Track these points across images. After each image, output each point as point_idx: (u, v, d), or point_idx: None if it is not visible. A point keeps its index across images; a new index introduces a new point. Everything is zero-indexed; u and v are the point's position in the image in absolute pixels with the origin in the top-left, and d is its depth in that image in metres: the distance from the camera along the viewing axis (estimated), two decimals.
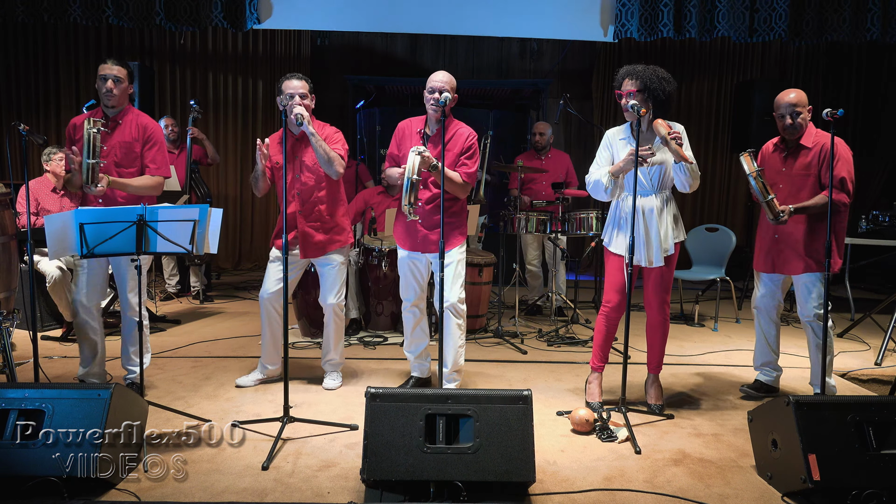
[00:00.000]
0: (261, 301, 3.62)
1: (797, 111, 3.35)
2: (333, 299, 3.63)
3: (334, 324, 3.69)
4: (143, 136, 3.41)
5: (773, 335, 3.66)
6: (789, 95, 3.38)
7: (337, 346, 3.73)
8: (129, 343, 3.53)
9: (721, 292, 5.54)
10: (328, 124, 3.62)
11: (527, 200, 5.48)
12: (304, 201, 3.52)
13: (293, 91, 3.38)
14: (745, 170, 3.34)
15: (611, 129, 3.49)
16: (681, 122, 3.39)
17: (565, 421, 3.21)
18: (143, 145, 3.41)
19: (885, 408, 2.50)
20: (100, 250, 2.91)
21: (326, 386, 3.69)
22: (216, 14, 5.68)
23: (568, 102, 5.21)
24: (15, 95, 7.29)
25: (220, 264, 7.65)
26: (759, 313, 3.67)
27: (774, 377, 3.70)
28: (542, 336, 4.92)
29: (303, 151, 3.50)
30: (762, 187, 3.28)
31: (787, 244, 3.45)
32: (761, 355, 3.70)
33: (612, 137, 3.43)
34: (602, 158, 3.41)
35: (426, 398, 2.50)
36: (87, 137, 3.09)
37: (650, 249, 3.27)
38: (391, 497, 2.43)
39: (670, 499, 2.49)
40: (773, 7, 5.82)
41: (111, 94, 3.30)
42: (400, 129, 3.57)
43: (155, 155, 3.45)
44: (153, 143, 3.44)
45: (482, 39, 7.97)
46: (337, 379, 3.74)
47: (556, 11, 6.03)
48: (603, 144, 3.44)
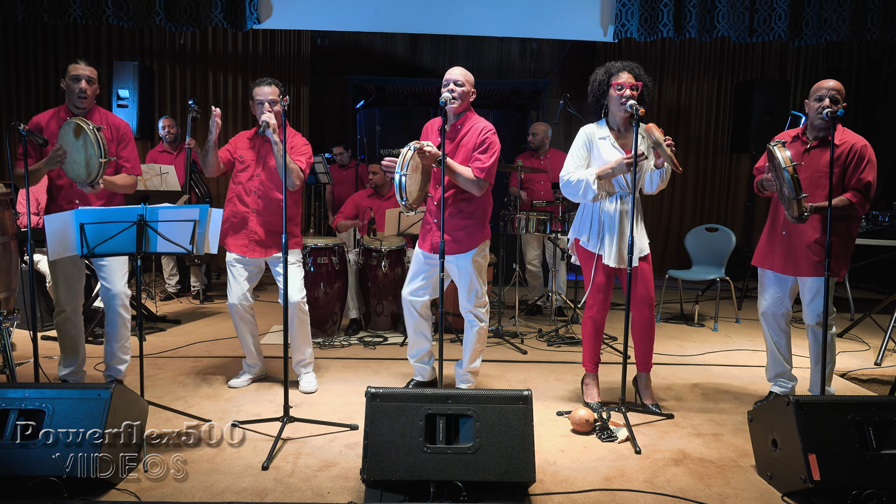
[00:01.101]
0: (230, 308, 3.60)
1: (837, 97, 3.10)
2: (295, 296, 3.50)
3: (298, 321, 3.58)
4: (116, 135, 3.41)
5: (783, 344, 3.45)
6: (830, 82, 3.15)
7: (303, 345, 3.64)
8: (115, 339, 3.45)
9: (721, 292, 5.54)
10: (299, 134, 3.64)
11: (525, 196, 5.47)
12: (262, 200, 3.52)
13: (262, 98, 3.39)
14: (778, 162, 2.98)
15: (586, 126, 3.36)
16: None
17: (565, 421, 3.21)
18: (117, 145, 3.41)
19: (885, 408, 2.50)
20: (100, 250, 2.90)
21: (303, 389, 3.61)
22: (216, 14, 5.68)
23: (568, 102, 5.22)
24: (15, 95, 7.29)
25: (220, 264, 7.63)
26: (766, 322, 3.47)
27: (790, 388, 3.47)
28: (542, 336, 4.92)
29: (268, 152, 3.51)
30: (796, 183, 2.94)
31: (797, 244, 3.24)
32: (774, 366, 3.50)
33: (590, 135, 3.30)
34: (579, 157, 3.30)
35: (426, 398, 2.50)
36: (94, 137, 3.08)
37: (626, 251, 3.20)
38: (391, 497, 2.43)
39: (670, 499, 2.49)
40: (773, 7, 5.82)
41: (84, 94, 3.28)
42: (425, 128, 3.49)
43: (129, 154, 3.47)
44: (126, 141, 3.46)
45: (482, 39, 7.98)
46: (313, 381, 3.66)
47: (556, 11, 6.03)
48: (580, 143, 3.31)
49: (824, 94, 3.14)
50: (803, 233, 3.23)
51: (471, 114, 3.38)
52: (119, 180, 3.39)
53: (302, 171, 3.46)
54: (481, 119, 3.38)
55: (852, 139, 3.17)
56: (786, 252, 3.30)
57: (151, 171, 5.34)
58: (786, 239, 3.30)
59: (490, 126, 3.33)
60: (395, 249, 4.81)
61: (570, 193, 3.28)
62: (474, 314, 3.45)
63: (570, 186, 3.26)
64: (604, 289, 3.35)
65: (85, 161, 3.13)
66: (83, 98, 3.29)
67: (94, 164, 3.11)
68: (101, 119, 3.38)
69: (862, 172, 3.12)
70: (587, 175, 3.21)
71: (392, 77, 7.85)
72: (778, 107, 6.38)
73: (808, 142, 3.26)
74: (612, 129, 3.31)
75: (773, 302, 3.42)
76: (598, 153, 3.28)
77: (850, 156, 3.14)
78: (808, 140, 3.27)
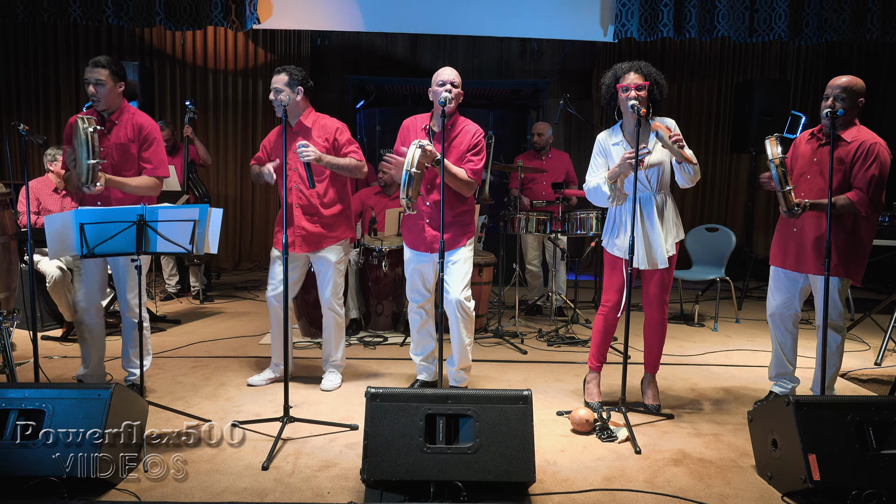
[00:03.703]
0: (269, 301, 3.62)
1: (842, 95, 3.09)
2: (330, 297, 3.58)
3: (334, 323, 3.66)
4: (139, 136, 3.37)
5: (789, 346, 3.44)
6: (839, 79, 3.14)
7: (338, 346, 3.71)
8: (130, 345, 3.51)
9: (721, 292, 5.54)
10: (328, 117, 3.56)
11: (526, 202, 5.48)
12: (301, 194, 3.51)
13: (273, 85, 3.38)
14: (767, 154, 3.07)
15: (601, 133, 3.41)
16: (681, 122, 3.38)
17: (565, 421, 3.21)
18: (139, 146, 3.38)
19: (885, 408, 2.50)
20: (100, 250, 2.90)
21: (324, 387, 3.65)
22: (216, 14, 5.68)
23: (568, 102, 5.21)
24: (15, 95, 7.29)
25: (220, 264, 7.65)
26: (773, 323, 3.45)
27: (790, 388, 3.49)
28: (542, 336, 4.92)
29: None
30: (781, 176, 3.02)
31: (807, 241, 3.23)
32: (777, 366, 3.50)
33: (604, 142, 3.36)
34: (597, 164, 3.36)
35: (426, 398, 2.50)
36: (85, 138, 3.04)
37: (651, 252, 3.24)
38: (391, 497, 2.43)
39: (670, 499, 2.49)
40: (773, 7, 5.82)
41: (95, 98, 3.28)
42: (405, 126, 3.51)
43: (151, 155, 3.40)
44: (150, 142, 3.40)
45: (482, 39, 7.97)
46: (335, 380, 3.70)
47: (556, 11, 6.03)
48: (596, 150, 3.38)
49: (829, 93, 3.15)
50: (812, 229, 3.21)
51: (458, 115, 3.44)
52: (133, 182, 3.33)
53: (358, 160, 3.47)
54: (469, 121, 3.46)
55: (864, 136, 3.14)
56: (797, 248, 3.29)
57: None
58: (797, 235, 3.29)
59: (481, 129, 3.44)
60: (396, 249, 4.81)
61: (594, 199, 3.35)
62: (464, 306, 3.37)
63: (590, 194, 3.34)
64: (619, 288, 3.34)
65: (80, 162, 3.10)
66: (95, 101, 3.29)
67: (82, 166, 3.08)
68: (129, 118, 3.36)
69: (866, 169, 3.07)
70: (599, 180, 3.26)
71: (392, 77, 7.85)
72: (778, 107, 6.38)
73: (821, 138, 3.26)
74: (625, 131, 3.31)
75: (783, 303, 3.40)
76: (611, 158, 3.31)
77: (858, 153, 3.11)
78: (822, 137, 3.25)
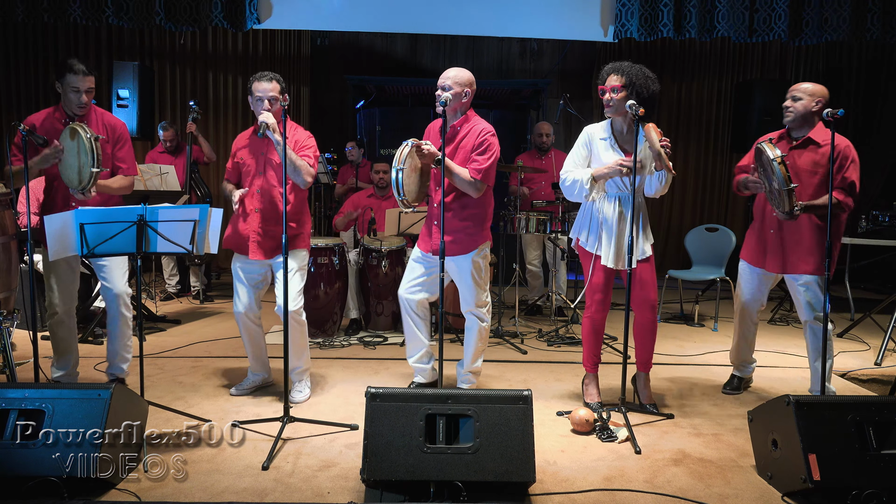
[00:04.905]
0: (237, 317, 3.46)
1: (796, 96, 3.29)
2: (289, 305, 3.18)
3: (295, 331, 3.35)
4: (112, 136, 3.37)
5: (752, 334, 3.71)
6: (800, 85, 3.35)
7: (301, 353, 3.45)
8: (117, 338, 3.43)
9: (721, 292, 5.54)
10: (301, 127, 3.47)
11: (526, 191, 5.45)
12: (264, 200, 3.36)
13: (262, 95, 3.22)
14: (768, 155, 3.07)
15: (590, 125, 3.37)
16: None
17: (565, 421, 3.21)
18: (113, 146, 3.38)
19: (885, 408, 2.50)
20: (100, 250, 2.90)
21: (292, 399, 3.40)
22: (216, 14, 5.68)
23: (568, 102, 5.22)
24: (15, 95, 7.30)
25: (220, 264, 7.65)
26: (742, 315, 3.66)
27: (751, 370, 3.80)
28: (542, 336, 4.92)
29: (270, 149, 3.33)
30: (786, 174, 3.01)
31: (788, 243, 3.33)
32: (742, 353, 3.74)
33: (591, 135, 3.31)
34: (579, 156, 3.30)
35: (426, 398, 2.50)
36: (90, 146, 3.01)
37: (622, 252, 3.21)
38: (391, 497, 2.43)
39: (670, 499, 2.49)
40: (773, 7, 5.82)
41: (84, 105, 3.24)
42: (427, 130, 3.47)
43: (125, 155, 3.42)
44: (123, 141, 3.41)
45: (482, 39, 7.98)
46: (304, 390, 3.51)
47: (556, 11, 6.03)
48: (581, 142, 3.32)
49: (786, 96, 3.36)
50: (792, 231, 3.32)
51: (470, 115, 3.35)
52: (115, 183, 3.36)
53: (311, 166, 3.30)
54: (481, 120, 3.36)
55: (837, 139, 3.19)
56: (775, 250, 3.39)
57: (151, 172, 5.34)
58: (774, 237, 3.38)
59: (489, 128, 3.30)
60: (395, 249, 4.81)
61: (567, 192, 3.30)
62: (475, 314, 3.45)
63: (566, 186, 3.29)
64: (602, 289, 3.34)
65: (78, 168, 3.08)
66: (82, 107, 3.25)
67: (86, 173, 3.06)
68: (97, 119, 3.34)
69: (845, 172, 3.22)
70: (582, 175, 3.21)
71: (392, 77, 7.85)
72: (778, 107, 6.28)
73: (790, 140, 3.37)
74: (615, 130, 3.30)
75: (753, 298, 3.59)
76: (596, 153, 3.29)
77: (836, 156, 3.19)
78: (790, 139, 3.38)
